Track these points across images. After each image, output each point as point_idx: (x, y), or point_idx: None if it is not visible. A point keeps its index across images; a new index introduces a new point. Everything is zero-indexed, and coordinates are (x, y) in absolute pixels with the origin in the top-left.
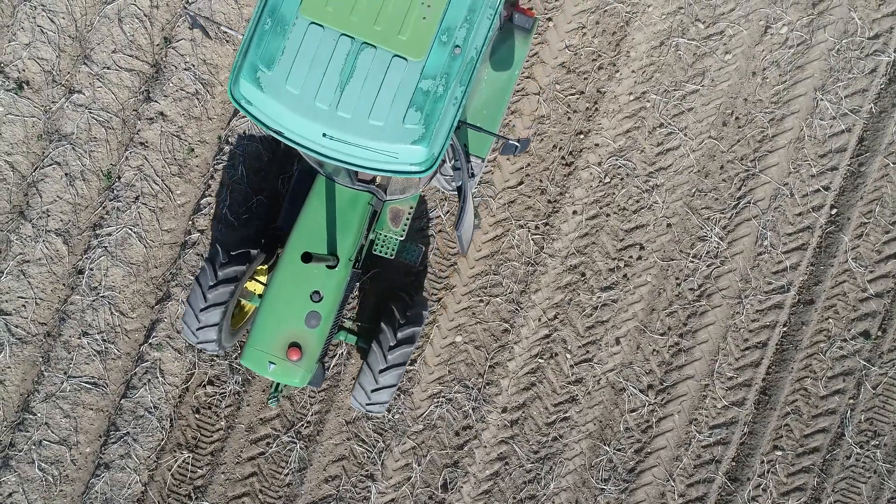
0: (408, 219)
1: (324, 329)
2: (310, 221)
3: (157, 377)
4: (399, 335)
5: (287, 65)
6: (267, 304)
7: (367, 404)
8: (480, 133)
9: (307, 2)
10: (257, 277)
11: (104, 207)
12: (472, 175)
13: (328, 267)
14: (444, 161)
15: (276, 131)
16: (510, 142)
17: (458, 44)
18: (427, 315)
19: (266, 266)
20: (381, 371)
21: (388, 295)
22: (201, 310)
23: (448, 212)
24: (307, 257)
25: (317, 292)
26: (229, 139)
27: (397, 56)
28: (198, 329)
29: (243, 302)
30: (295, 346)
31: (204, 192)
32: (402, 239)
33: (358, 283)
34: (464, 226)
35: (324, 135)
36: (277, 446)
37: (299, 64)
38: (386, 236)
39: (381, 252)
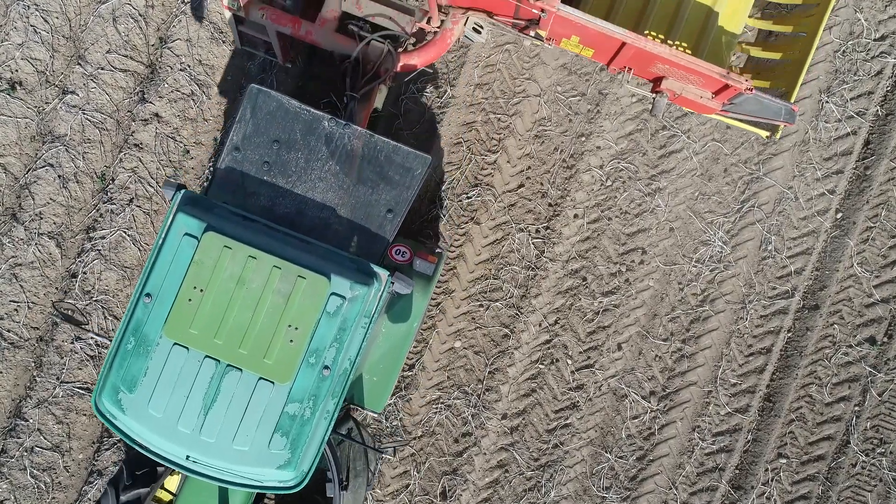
0: None
1: None
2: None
3: None
4: None
5: (149, 387)
6: None
7: None
8: (377, 385)
9: (171, 323)
10: (166, 487)
11: (98, 210)
12: (346, 488)
13: None
14: None
15: (141, 446)
16: (384, 452)
17: (327, 364)
18: None
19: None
20: None
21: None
22: None
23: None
24: None
25: None
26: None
27: (263, 379)
28: None
29: None
30: None
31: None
32: None
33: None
34: None
35: (187, 457)
36: None
37: (162, 386)
38: None
39: None
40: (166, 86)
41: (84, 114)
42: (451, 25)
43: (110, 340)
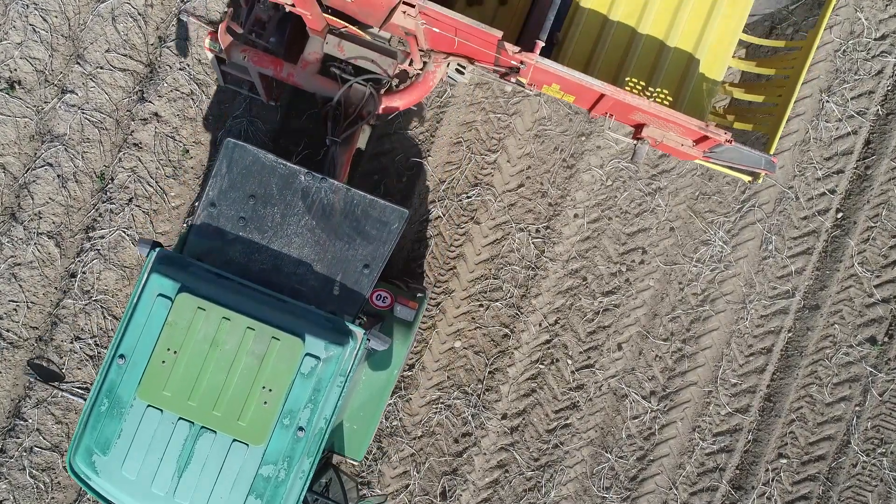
0: None
1: None
2: None
3: None
4: None
5: (123, 449)
6: None
7: None
8: (357, 433)
9: (144, 385)
10: None
11: (97, 209)
12: None
13: None
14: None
15: None
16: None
17: (301, 425)
18: None
19: None
20: None
21: None
22: None
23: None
24: None
25: None
26: None
27: (237, 441)
28: None
29: None
30: None
31: (199, 194)
32: None
33: None
34: None
35: None
36: None
37: (136, 448)
38: None
39: None
40: (165, 85)
41: (83, 113)
42: (433, 68)
43: (83, 399)
